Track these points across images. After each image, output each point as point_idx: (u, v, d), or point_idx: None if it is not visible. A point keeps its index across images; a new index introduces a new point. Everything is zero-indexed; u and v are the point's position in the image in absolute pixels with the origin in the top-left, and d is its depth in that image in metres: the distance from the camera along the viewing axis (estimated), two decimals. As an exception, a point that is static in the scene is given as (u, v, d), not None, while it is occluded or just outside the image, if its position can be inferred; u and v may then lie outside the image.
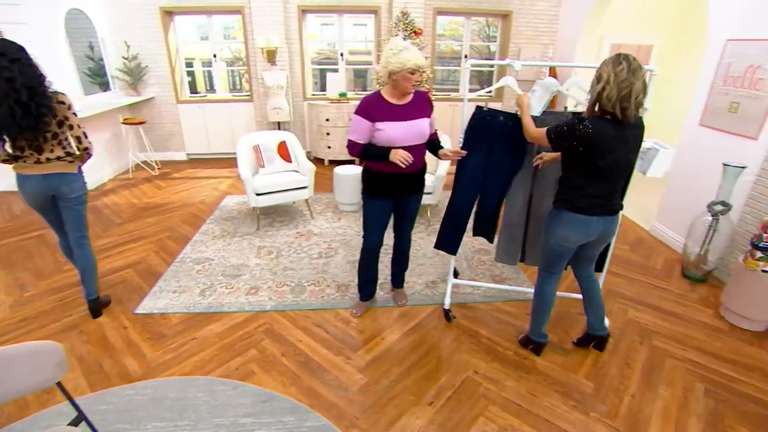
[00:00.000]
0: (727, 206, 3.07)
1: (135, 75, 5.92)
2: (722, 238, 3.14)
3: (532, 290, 3.05)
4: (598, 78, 1.85)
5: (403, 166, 2.21)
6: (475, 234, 2.82)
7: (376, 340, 2.57)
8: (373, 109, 2.25)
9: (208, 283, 3.14)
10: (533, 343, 2.48)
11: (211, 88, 6.76)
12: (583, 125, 1.86)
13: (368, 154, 2.31)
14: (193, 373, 2.27)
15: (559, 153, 2.16)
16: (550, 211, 2.19)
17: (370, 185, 2.45)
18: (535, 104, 2.40)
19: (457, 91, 7.03)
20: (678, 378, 2.32)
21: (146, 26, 5.86)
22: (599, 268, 2.74)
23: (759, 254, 2.60)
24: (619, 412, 2.10)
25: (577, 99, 2.57)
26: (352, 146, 2.32)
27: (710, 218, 3.15)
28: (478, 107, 2.48)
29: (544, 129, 2.06)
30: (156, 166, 6.03)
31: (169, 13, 5.94)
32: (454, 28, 7.39)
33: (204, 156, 6.66)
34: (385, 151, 2.24)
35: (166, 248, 3.68)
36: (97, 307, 2.74)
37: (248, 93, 6.47)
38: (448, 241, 2.80)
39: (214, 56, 6.40)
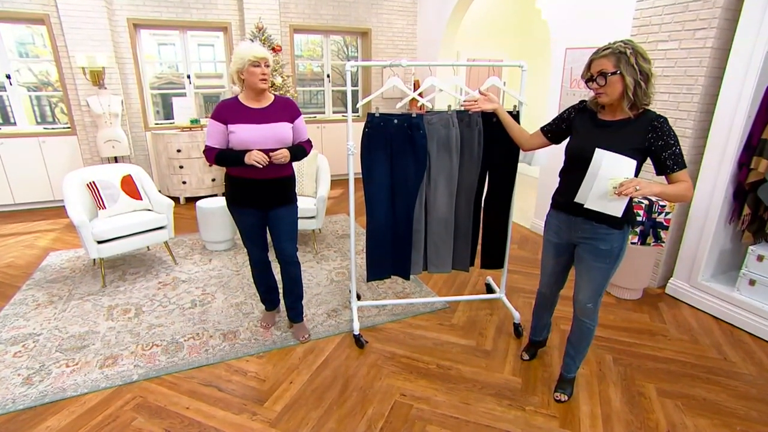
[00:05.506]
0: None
1: None
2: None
3: (438, 299, 3.16)
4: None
5: (260, 166, 2.24)
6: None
7: (283, 386, 2.33)
8: (226, 111, 2.31)
9: (35, 366, 2.49)
10: None
11: (6, 120, 5.56)
12: None
13: (223, 158, 2.34)
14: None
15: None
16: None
17: (231, 192, 2.50)
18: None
19: (322, 113, 7.17)
20: (590, 354, 2.58)
21: None
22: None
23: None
24: (550, 400, 2.22)
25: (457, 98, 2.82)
26: (208, 152, 2.37)
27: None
28: (370, 114, 2.54)
29: None
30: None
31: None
32: (312, 49, 7.57)
33: (4, 208, 5.48)
34: (240, 154, 2.27)
35: (-40, 331, 2.84)
36: None
37: (67, 124, 5.58)
38: (381, 265, 2.83)
39: (8, 77, 5.31)
